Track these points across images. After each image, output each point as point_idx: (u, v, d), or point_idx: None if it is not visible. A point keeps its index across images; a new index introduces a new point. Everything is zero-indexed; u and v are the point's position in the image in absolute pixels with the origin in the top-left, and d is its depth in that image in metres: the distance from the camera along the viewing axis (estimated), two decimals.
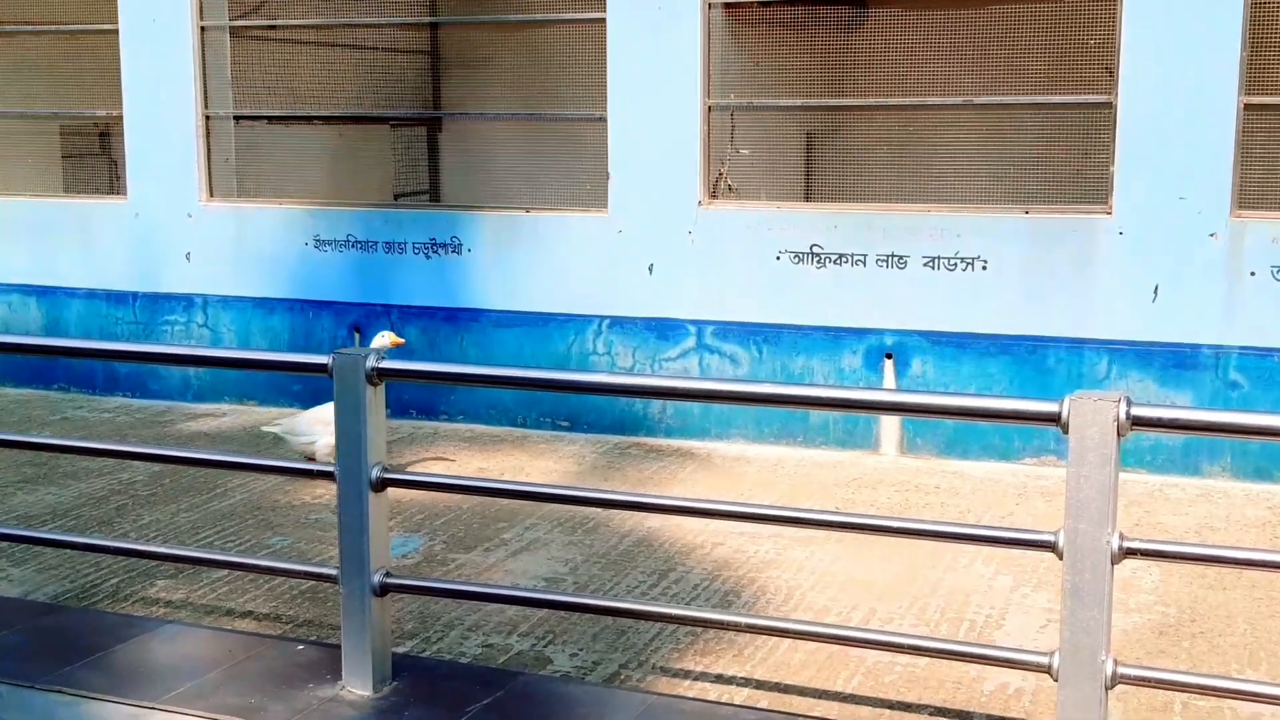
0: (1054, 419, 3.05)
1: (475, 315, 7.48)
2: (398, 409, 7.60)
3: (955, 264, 6.57)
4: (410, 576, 4.24)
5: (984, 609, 4.68)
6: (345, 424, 3.65)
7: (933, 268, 6.60)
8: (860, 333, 6.79)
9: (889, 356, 6.77)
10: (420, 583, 3.96)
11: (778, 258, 6.86)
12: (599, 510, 5.65)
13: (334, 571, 3.80)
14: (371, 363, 3.64)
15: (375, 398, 3.66)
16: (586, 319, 7.26)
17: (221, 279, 8.02)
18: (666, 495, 4.93)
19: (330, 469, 3.74)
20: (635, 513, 5.41)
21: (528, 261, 7.33)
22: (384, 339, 6.26)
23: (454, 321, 7.51)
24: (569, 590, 4.81)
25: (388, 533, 3.74)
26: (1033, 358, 6.52)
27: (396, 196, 8.66)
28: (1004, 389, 6.57)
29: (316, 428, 6.07)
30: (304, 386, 7.92)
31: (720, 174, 7.03)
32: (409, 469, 6.40)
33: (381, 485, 3.68)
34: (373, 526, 3.68)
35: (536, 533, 5.50)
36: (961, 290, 6.59)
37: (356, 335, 7.77)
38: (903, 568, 5.08)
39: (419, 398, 7.61)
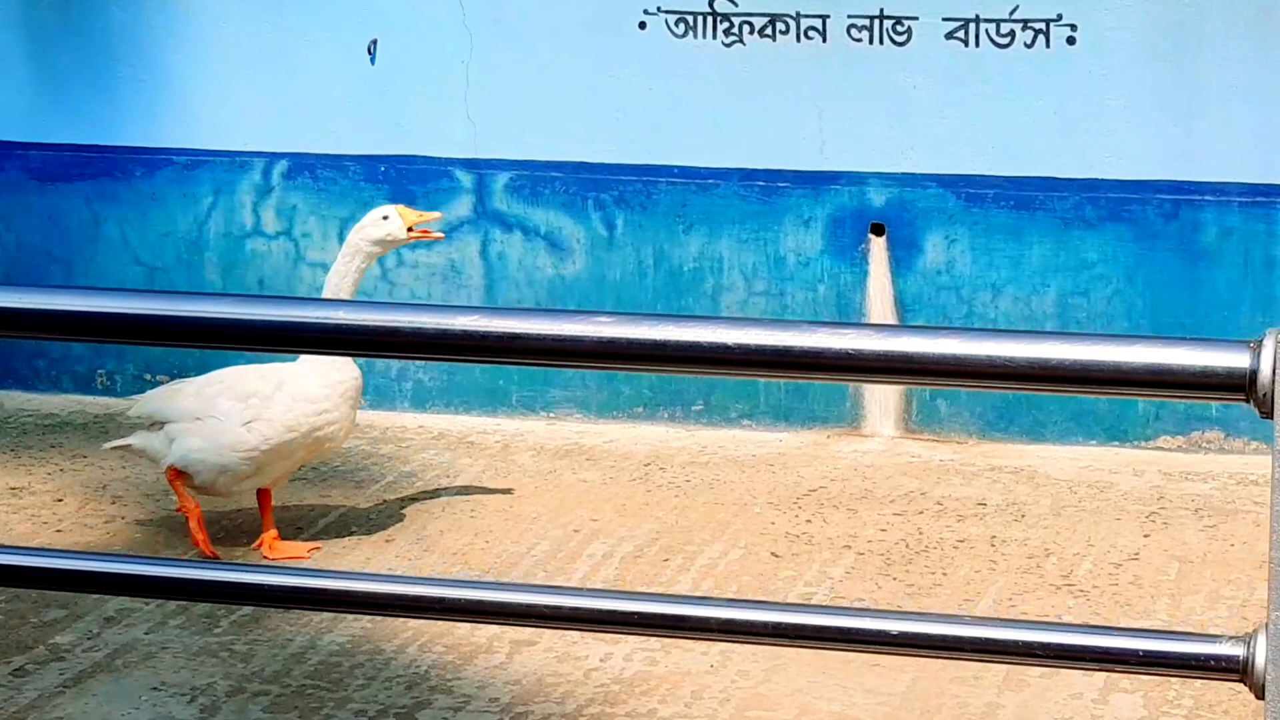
0: (1239, 387, 3.03)
1: (158, 160, 7.40)
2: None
3: (1012, 33, 6.66)
4: None
5: None
6: None
7: (965, 41, 6.68)
8: (818, 180, 6.86)
9: (878, 230, 6.88)
10: None
11: (643, 24, 6.93)
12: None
13: None
14: None
15: None
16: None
17: None
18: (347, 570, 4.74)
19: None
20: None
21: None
22: (394, 217, 6.10)
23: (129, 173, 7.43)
24: None
25: None
26: (1191, 233, 6.68)
27: None
28: (1127, 308, 6.72)
29: (189, 404, 6.09)
30: None
31: None
32: None
33: None
34: None
35: (135, 632, 5.48)
36: (1025, 80, 6.68)
37: None
38: (914, 682, 5.14)
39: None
